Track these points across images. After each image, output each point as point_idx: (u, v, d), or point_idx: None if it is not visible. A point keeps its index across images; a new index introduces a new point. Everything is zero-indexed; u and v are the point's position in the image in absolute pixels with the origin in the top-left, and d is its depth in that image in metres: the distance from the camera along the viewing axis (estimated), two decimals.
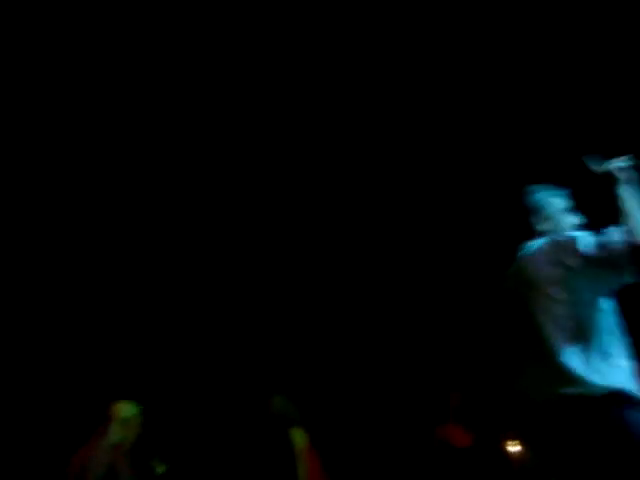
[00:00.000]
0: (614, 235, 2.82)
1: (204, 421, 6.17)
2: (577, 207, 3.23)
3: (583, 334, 2.83)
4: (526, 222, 3.18)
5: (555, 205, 3.20)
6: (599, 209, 2.94)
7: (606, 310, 2.91)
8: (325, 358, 6.53)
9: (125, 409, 4.76)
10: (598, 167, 3.00)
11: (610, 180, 2.94)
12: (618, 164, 2.96)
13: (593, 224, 3.02)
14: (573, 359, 2.80)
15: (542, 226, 3.16)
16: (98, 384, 5.77)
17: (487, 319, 3.32)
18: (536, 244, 3.08)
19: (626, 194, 2.88)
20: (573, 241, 2.90)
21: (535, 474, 2.83)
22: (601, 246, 2.81)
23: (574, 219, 3.19)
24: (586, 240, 2.87)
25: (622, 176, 2.92)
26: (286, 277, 6.67)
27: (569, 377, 2.78)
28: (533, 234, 3.15)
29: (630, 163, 2.96)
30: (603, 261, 2.79)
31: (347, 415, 6.32)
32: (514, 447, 5.49)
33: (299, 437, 4.99)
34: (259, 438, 4.94)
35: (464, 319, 5.98)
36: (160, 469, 4.80)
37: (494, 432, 5.22)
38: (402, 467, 5.96)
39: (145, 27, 6.05)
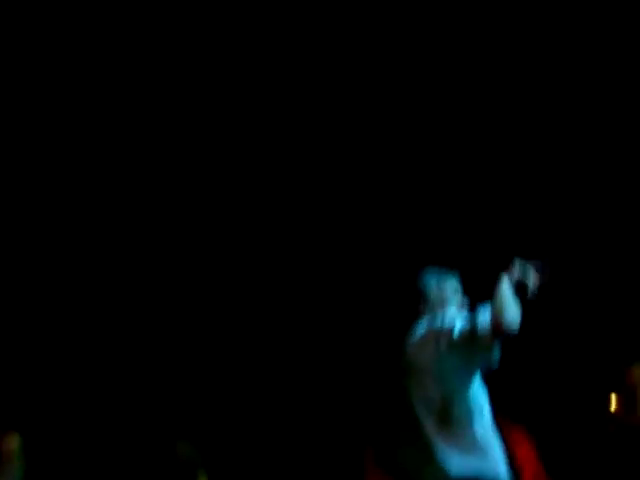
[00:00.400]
0: (480, 319, 2.91)
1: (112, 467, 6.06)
2: (465, 288, 3.31)
3: (453, 421, 2.95)
4: (416, 306, 3.25)
5: (440, 289, 3.27)
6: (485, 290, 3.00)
7: (478, 395, 3.02)
8: (226, 397, 6.42)
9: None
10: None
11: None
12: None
13: (477, 305, 3.08)
14: (439, 446, 2.92)
15: (427, 310, 3.23)
16: None
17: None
18: (418, 330, 3.17)
19: (505, 283, 2.97)
20: (445, 327, 3.02)
21: None
22: (468, 330, 2.92)
23: (458, 302, 3.25)
24: (457, 325, 2.97)
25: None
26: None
27: (434, 465, 2.91)
28: (420, 318, 3.22)
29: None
30: (469, 346, 2.91)
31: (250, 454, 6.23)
32: None
33: None
34: None
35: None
36: None
37: None
38: None
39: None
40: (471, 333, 2.91)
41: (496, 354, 2.96)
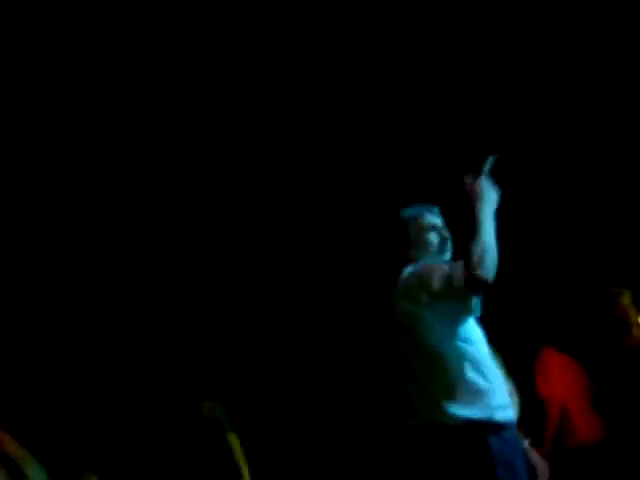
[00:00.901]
0: (458, 267, 2.81)
1: (131, 430, 6.00)
2: (447, 224, 3.15)
3: (449, 367, 2.86)
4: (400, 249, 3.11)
5: (420, 227, 3.13)
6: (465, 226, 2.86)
7: (472, 340, 2.92)
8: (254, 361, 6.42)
9: None
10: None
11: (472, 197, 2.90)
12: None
13: (460, 242, 2.93)
14: (439, 391, 2.86)
15: (409, 252, 3.11)
16: None
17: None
18: (403, 275, 3.03)
19: (483, 216, 2.85)
20: (422, 278, 2.90)
21: None
22: (446, 279, 2.81)
23: (439, 242, 3.11)
24: (434, 276, 2.85)
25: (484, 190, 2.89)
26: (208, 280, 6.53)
27: (437, 408, 2.85)
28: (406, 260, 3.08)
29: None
30: (448, 295, 2.81)
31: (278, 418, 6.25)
32: None
33: (235, 441, 4.88)
34: (193, 445, 4.86)
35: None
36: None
37: None
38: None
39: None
40: (447, 285, 2.81)
41: (475, 304, 2.88)
